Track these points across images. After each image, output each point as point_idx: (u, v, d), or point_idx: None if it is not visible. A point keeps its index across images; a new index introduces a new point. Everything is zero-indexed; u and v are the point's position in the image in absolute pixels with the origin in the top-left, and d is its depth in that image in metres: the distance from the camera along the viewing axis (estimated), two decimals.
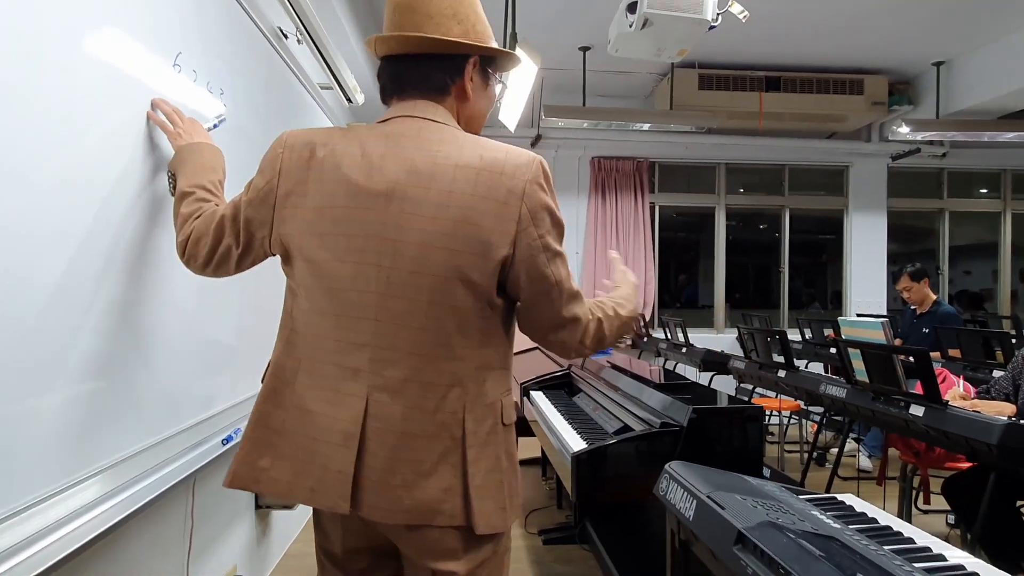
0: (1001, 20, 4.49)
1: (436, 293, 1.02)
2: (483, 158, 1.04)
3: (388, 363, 1.04)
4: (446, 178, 1.02)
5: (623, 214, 5.99)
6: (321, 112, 2.96)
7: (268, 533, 2.69)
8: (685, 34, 2.36)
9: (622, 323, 1.21)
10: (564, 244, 1.13)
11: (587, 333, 1.13)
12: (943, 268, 6.54)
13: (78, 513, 1.14)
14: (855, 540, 1.07)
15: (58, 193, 1.09)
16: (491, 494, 1.07)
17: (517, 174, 1.04)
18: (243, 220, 1.12)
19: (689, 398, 2.15)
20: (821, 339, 4.98)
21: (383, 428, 1.04)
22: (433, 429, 1.04)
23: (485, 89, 1.18)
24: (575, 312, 1.11)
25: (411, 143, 1.05)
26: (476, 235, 1.01)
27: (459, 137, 1.07)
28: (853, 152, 6.21)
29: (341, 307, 1.04)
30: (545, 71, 4.61)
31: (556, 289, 1.08)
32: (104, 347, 1.25)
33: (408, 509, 1.04)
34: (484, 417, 1.08)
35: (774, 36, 4.75)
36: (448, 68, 1.11)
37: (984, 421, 1.97)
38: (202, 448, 1.64)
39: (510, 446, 1.13)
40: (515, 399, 1.19)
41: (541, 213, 1.06)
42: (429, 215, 1.01)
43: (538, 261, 1.06)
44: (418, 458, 1.04)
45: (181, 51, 1.47)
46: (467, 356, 1.06)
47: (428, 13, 1.07)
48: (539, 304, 1.10)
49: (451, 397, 1.05)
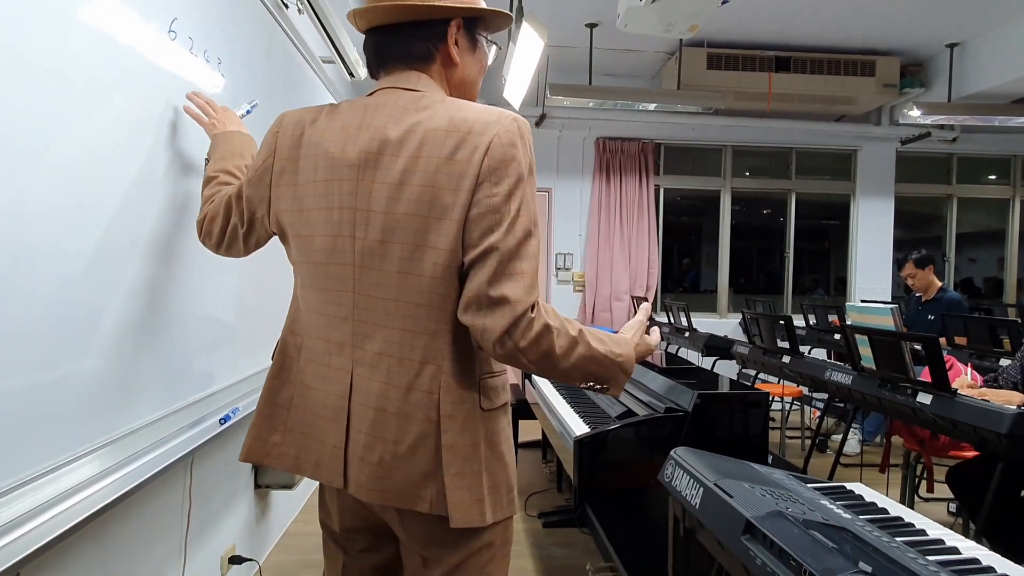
0: (1017, 1, 4.38)
1: (405, 262, 0.98)
2: (452, 119, 0.98)
3: (366, 336, 1.02)
4: (414, 143, 0.97)
5: (627, 196, 5.92)
6: (323, 86, 2.90)
7: (267, 513, 2.68)
8: (697, 8, 2.29)
9: (591, 358, 1.00)
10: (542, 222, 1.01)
11: (520, 328, 0.94)
12: (949, 255, 6.48)
13: (75, 490, 1.13)
14: (867, 531, 1.04)
15: (54, 171, 1.05)
16: (467, 484, 1.00)
17: (485, 131, 0.97)
18: (245, 199, 1.15)
19: (693, 383, 2.13)
20: (825, 325, 4.95)
21: (362, 403, 1.02)
22: (407, 408, 1.00)
23: (474, 52, 1.12)
24: (504, 292, 0.93)
25: (386, 112, 1.02)
26: (440, 199, 0.96)
27: (435, 102, 1.02)
28: (862, 135, 6.13)
29: (325, 281, 1.05)
30: (551, 48, 4.53)
31: (493, 255, 0.94)
32: (102, 325, 1.22)
33: (387, 489, 1.01)
34: (461, 400, 1.01)
35: (785, 14, 4.66)
36: (428, 35, 1.06)
37: (994, 410, 1.94)
38: (201, 427, 1.62)
39: (493, 434, 1.05)
40: (507, 382, 1.11)
41: (501, 170, 0.96)
42: (396, 182, 0.98)
43: (484, 222, 0.95)
44: (394, 437, 1.00)
45: (176, 17, 1.42)
46: (440, 331, 1.00)
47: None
48: (471, 273, 0.96)
49: (425, 375, 1.00)
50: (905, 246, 6.28)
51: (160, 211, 1.41)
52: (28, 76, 1.00)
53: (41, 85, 1.03)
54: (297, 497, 3.16)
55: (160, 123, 1.40)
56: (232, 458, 2.26)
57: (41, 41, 1.03)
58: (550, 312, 0.99)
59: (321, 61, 2.84)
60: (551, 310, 1.00)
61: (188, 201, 1.53)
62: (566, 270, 5.97)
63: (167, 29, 1.39)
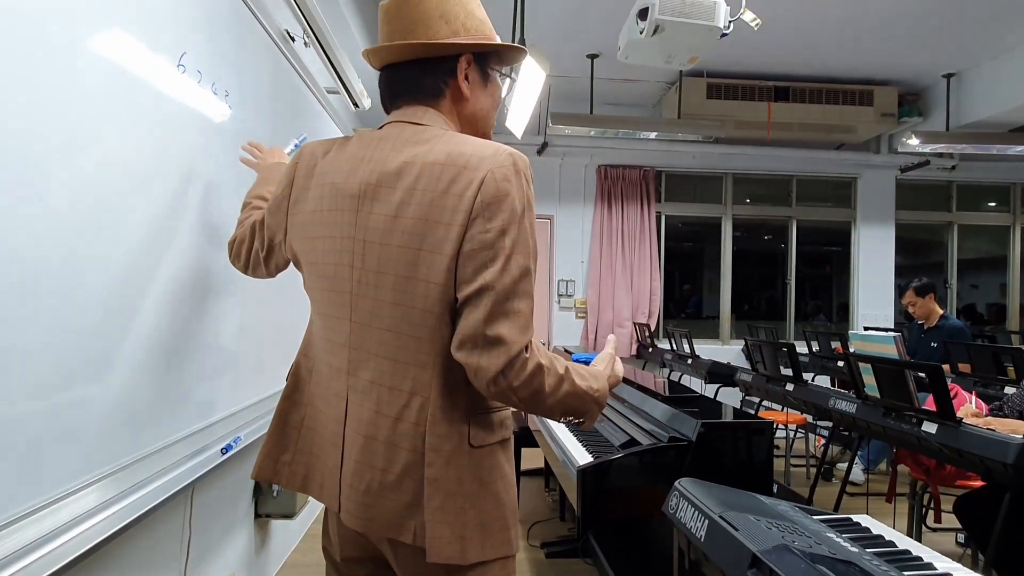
0: (1012, 32, 4.46)
1: (398, 293, 0.99)
2: (450, 154, 0.98)
3: (360, 364, 1.04)
4: (411, 176, 0.98)
5: (629, 223, 5.96)
6: (328, 116, 2.94)
7: (267, 542, 2.65)
8: (696, 41, 2.33)
9: (574, 394, 1.01)
10: (538, 259, 1.00)
11: (515, 368, 0.93)
12: (951, 282, 6.48)
13: (75, 522, 1.13)
14: (874, 565, 1.03)
15: (61, 203, 1.07)
16: (448, 520, 0.98)
17: (481, 166, 0.96)
18: (266, 226, 1.21)
19: (696, 411, 2.12)
20: (828, 352, 4.93)
21: (354, 429, 1.04)
22: (395, 438, 1.00)
23: (485, 86, 1.13)
24: (500, 332, 0.93)
25: (389, 145, 1.04)
26: (433, 232, 0.96)
27: (435, 136, 1.03)
28: (861, 163, 6.18)
29: (328, 307, 1.08)
30: (553, 78, 4.60)
31: (487, 294, 0.93)
32: (101, 352, 1.22)
33: (372, 518, 1.01)
34: (448, 435, 0.99)
35: (783, 45, 4.73)
36: (438, 71, 1.08)
37: (1000, 440, 1.93)
38: (201, 457, 1.61)
39: (484, 471, 1.02)
40: (507, 417, 1.08)
41: (495, 206, 0.95)
42: (392, 214, 0.99)
43: (477, 258, 0.94)
44: (382, 466, 1.00)
45: (186, 51, 1.45)
46: (429, 363, 0.99)
47: (414, 18, 1.05)
48: (464, 311, 0.95)
49: (413, 406, 0.99)
50: (907, 272, 6.29)
51: (165, 240, 1.42)
52: (37, 105, 1.02)
53: (50, 115, 1.05)
54: (297, 527, 3.12)
55: (169, 156, 1.42)
56: (233, 487, 2.24)
57: (52, 73, 1.05)
58: (541, 351, 0.98)
59: (327, 92, 2.88)
60: (543, 350, 1.00)
61: (190, 230, 1.54)
62: (568, 297, 5.97)
63: (177, 63, 1.42)
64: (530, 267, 0.98)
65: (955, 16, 4.20)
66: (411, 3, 1.06)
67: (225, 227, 1.77)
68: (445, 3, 1.06)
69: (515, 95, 3.63)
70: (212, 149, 1.66)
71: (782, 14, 4.15)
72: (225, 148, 1.73)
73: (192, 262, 1.57)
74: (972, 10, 4.12)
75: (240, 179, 1.84)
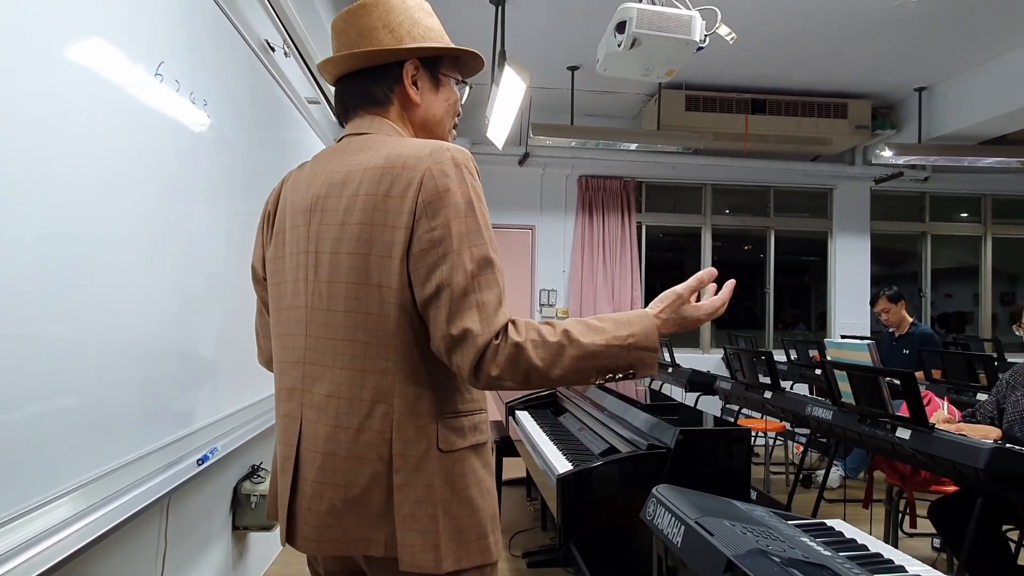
0: (981, 48, 4.58)
1: (351, 301, 0.98)
2: (388, 156, 0.99)
3: (315, 379, 1.01)
4: (354, 183, 1.00)
5: (610, 233, 6.00)
6: (308, 126, 2.94)
7: (245, 555, 2.62)
8: (673, 54, 2.37)
9: (586, 355, 0.94)
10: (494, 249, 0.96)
11: (488, 358, 0.91)
12: (926, 291, 6.60)
13: (46, 534, 1.11)
14: (846, 568, 1.05)
15: (36, 212, 1.06)
16: (419, 527, 0.96)
17: (418, 165, 0.96)
18: (252, 270, 1.23)
19: (675, 419, 2.13)
20: (806, 360, 4.99)
21: (310, 449, 1.01)
22: (358, 450, 0.97)
23: (437, 91, 1.13)
24: (464, 326, 0.91)
25: (338, 157, 1.06)
26: (380, 236, 0.96)
27: (378, 142, 1.03)
28: (837, 175, 6.29)
29: (285, 326, 1.08)
30: (534, 89, 4.64)
31: (445, 293, 0.92)
32: (74, 360, 1.20)
33: (336, 539, 0.98)
34: (416, 440, 0.97)
35: (760, 60, 4.81)
36: (384, 79, 1.09)
37: (971, 445, 1.97)
38: (178, 467, 1.60)
39: (455, 477, 0.99)
40: (482, 422, 1.07)
41: (436, 203, 0.93)
42: (338, 222, 0.99)
43: (428, 259, 0.93)
44: (344, 482, 0.97)
45: (164, 60, 1.45)
46: (391, 369, 0.97)
47: (359, 30, 1.08)
48: (429, 313, 0.94)
49: (376, 414, 0.97)
50: (882, 282, 6.39)
51: (143, 247, 1.41)
52: (12, 114, 1.02)
53: (27, 124, 1.04)
54: (275, 539, 3.08)
55: (146, 165, 1.41)
56: (210, 499, 2.22)
57: (26, 81, 1.04)
58: (522, 328, 0.94)
59: (307, 102, 2.88)
60: (524, 325, 0.94)
61: (169, 240, 1.53)
62: (550, 306, 6.00)
63: (154, 72, 1.42)
64: (488, 256, 0.95)
65: (926, 32, 4.31)
66: (356, 15, 1.09)
67: (204, 236, 1.76)
68: (389, 14, 1.08)
69: (496, 106, 3.65)
70: (190, 158, 1.65)
71: (758, 29, 4.22)
72: (204, 157, 1.73)
73: (170, 272, 1.56)
74: (942, 26, 4.23)
75: (219, 188, 1.83)
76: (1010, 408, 2.49)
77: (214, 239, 1.82)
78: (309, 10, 3.00)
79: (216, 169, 1.81)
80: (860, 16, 4.09)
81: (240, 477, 2.46)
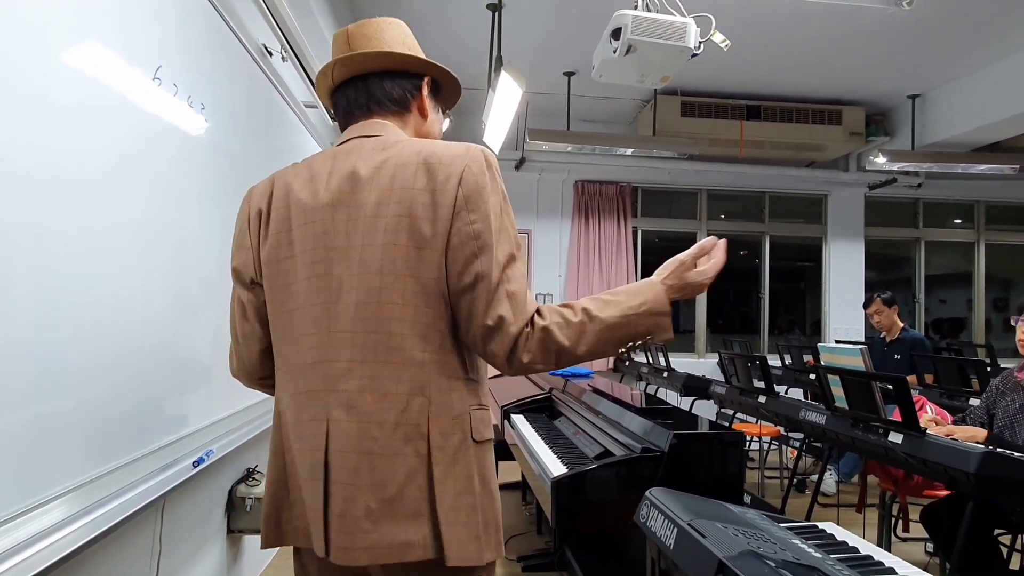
0: (973, 56, 4.62)
1: (386, 292, 0.97)
2: (420, 152, 1.02)
3: (342, 375, 0.98)
4: (386, 177, 1.01)
5: (606, 238, 6.02)
6: (305, 130, 2.95)
7: (240, 558, 2.61)
8: (668, 61, 2.39)
9: (607, 327, 1.00)
10: (520, 250, 1.02)
11: (521, 345, 0.97)
12: (919, 296, 6.63)
13: (38, 537, 1.10)
14: (836, 570, 1.05)
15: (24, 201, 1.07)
16: (463, 519, 0.97)
17: (455, 162, 1.00)
18: (234, 272, 1.14)
19: (670, 423, 2.14)
20: (801, 365, 5.01)
21: (342, 450, 0.97)
22: (395, 446, 0.96)
23: (436, 113, 1.21)
24: (499, 312, 0.96)
25: (355, 156, 1.06)
26: (417, 227, 0.98)
27: (399, 141, 1.07)
28: (831, 181, 6.32)
29: (296, 328, 1.04)
30: (530, 95, 4.66)
31: (482, 284, 0.97)
32: (69, 363, 1.21)
33: (373, 545, 0.95)
34: (451, 431, 0.98)
35: (755, 66, 4.85)
36: (407, 85, 1.14)
37: (962, 449, 1.98)
38: (172, 470, 1.59)
39: (484, 468, 1.02)
40: (492, 417, 1.09)
41: (475, 199, 0.99)
42: (371, 215, 1.00)
43: (466, 250, 0.98)
44: (381, 481, 0.95)
45: (162, 64, 1.46)
46: (428, 361, 0.98)
47: (382, 40, 1.12)
48: (464, 303, 0.99)
49: (413, 408, 0.97)
50: (877, 287, 6.42)
51: (139, 250, 1.42)
52: (12, 113, 1.02)
53: (24, 127, 1.05)
54: None
55: (143, 168, 1.42)
56: (205, 501, 2.21)
57: (23, 84, 1.05)
58: (546, 313, 1.00)
59: (304, 106, 2.89)
60: (546, 310, 1.00)
61: (165, 244, 1.54)
62: None
63: (152, 76, 1.43)
64: (515, 253, 1.01)
65: (919, 39, 4.35)
66: (380, 28, 1.12)
67: (200, 239, 1.77)
68: (407, 37, 1.16)
69: (492, 111, 3.67)
70: (187, 162, 1.66)
71: (753, 35, 4.25)
72: (200, 161, 1.73)
73: (166, 275, 1.56)
74: (935, 34, 4.27)
75: (215, 193, 1.84)
76: (1000, 413, 2.51)
77: (210, 242, 1.82)
78: (306, 15, 3.01)
79: (213, 172, 1.82)
80: (854, 23, 4.12)
81: (235, 480, 2.46)
